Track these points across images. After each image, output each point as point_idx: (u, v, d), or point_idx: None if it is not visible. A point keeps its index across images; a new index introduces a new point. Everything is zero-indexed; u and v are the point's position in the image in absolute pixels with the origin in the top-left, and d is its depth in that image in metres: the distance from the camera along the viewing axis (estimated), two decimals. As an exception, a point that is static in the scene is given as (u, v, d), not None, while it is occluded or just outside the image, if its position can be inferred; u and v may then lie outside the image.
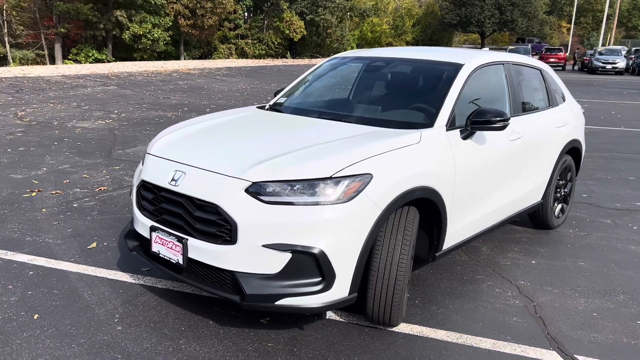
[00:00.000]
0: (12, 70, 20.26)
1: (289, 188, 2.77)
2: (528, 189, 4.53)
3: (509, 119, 3.59)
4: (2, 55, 29.53)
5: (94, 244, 4.37)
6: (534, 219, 5.16)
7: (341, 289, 2.86)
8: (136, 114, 11.74)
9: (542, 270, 4.28)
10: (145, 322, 3.22)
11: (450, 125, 3.57)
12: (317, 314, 3.33)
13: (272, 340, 3.10)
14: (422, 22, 66.36)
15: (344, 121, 3.69)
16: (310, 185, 2.78)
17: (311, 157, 2.93)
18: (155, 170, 3.22)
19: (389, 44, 57.51)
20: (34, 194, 5.69)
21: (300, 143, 3.19)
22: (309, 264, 2.76)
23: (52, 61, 29.76)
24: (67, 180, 6.23)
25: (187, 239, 2.95)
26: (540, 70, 4.98)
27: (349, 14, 52.72)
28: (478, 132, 3.70)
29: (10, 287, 3.60)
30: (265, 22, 42.84)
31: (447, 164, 3.42)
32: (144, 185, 3.27)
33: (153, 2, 30.30)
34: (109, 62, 29.41)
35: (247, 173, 2.83)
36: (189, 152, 3.20)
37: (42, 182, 6.14)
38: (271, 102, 4.44)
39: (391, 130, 3.42)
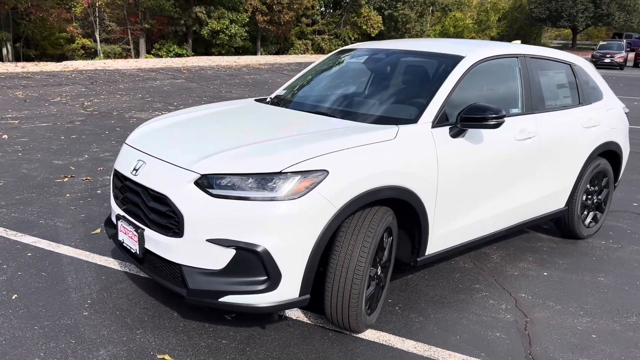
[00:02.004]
0: (94, 64, 21.56)
1: (237, 182, 2.68)
2: (544, 193, 4.15)
3: (504, 116, 3.29)
4: (93, 50, 31.61)
5: (99, 230, 4.50)
6: (559, 227, 4.74)
7: (290, 289, 2.73)
8: (193, 106, 12.07)
9: (551, 283, 3.91)
10: (112, 310, 3.26)
11: (439, 122, 3.33)
12: (265, 314, 3.21)
13: (228, 337, 3.03)
14: (509, 16, 63.65)
15: (330, 115, 3.54)
16: (258, 180, 2.67)
17: (265, 151, 2.82)
18: (124, 159, 3.24)
19: (472, 39, 55.67)
20: (66, 179, 5.97)
21: (266, 136, 3.10)
22: (254, 262, 2.66)
23: (137, 55, 31.41)
24: (101, 168, 6.49)
25: (143, 229, 2.94)
26: (570, 65, 4.54)
27: (430, 8, 51.62)
28: (471, 130, 3.42)
29: (4, 266, 3.78)
30: (343, 17, 42.85)
31: (428, 163, 3.18)
32: (115, 174, 3.31)
33: (231, -2, 31.15)
34: (187, 56, 30.57)
35: (197, 165, 2.77)
36: (154, 143, 3.20)
37: (78, 169, 6.43)
38: (272, 95, 4.36)
39: (367, 126, 3.24)
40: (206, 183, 2.71)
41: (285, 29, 36.38)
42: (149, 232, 2.91)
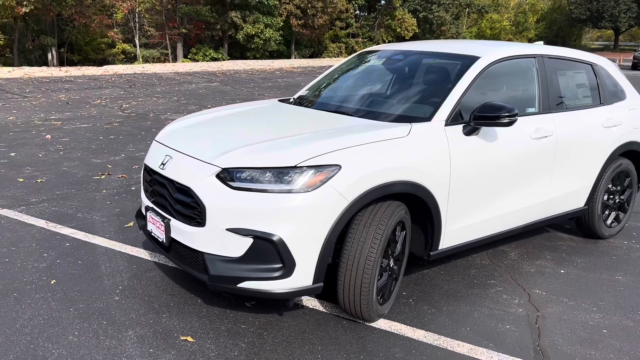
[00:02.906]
0: (133, 67, 22.27)
1: (255, 175, 2.86)
2: (562, 192, 4.20)
3: (516, 114, 3.38)
4: (133, 54, 32.60)
5: (132, 223, 4.77)
6: (580, 226, 4.76)
7: (304, 277, 2.89)
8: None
9: (568, 280, 3.96)
10: (141, 295, 3.49)
11: (454, 120, 3.44)
12: (280, 299, 3.35)
13: (247, 322, 3.22)
14: (547, 17, 62.53)
15: (348, 114, 3.69)
16: (274, 173, 2.84)
17: (282, 146, 3.00)
18: (153, 154, 3.47)
19: (509, 41, 54.81)
20: (103, 176, 6.29)
21: (284, 133, 3.27)
22: (270, 250, 2.83)
23: (175, 59, 32.23)
24: (136, 166, 6.80)
25: (169, 220, 3.15)
26: (591, 65, 4.56)
27: (466, 10, 51.15)
28: (485, 129, 3.51)
29: (45, 255, 4.06)
30: (377, 20, 42.92)
31: (441, 160, 3.30)
32: (145, 169, 3.54)
33: (266, 2, 31.63)
34: (223, 60, 31.20)
35: (218, 159, 2.96)
36: (180, 139, 3.41)
37: (114, 167, 6.76)
38: (295, 96, 4.54)
39: (382, 124, 3.38)
40: (226, 176, 2.90)
41: (319, 32, 36.70)
42: (174, 222, 3.12)
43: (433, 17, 44.45)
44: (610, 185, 4.63)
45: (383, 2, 43.95)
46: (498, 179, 3.67)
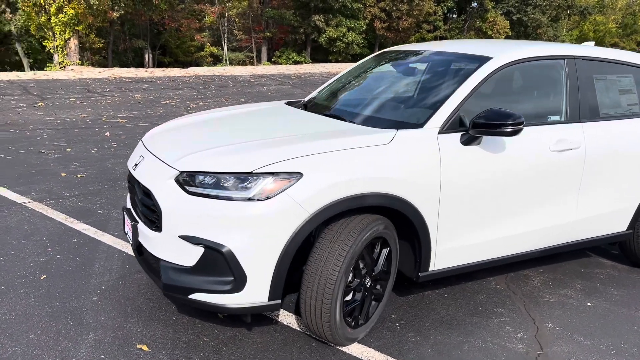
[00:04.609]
0: (213, 70, 23.01)
1: (211, 180, 2.69)
2: (594, 213, 3.67)
3: (521, 123, 2.96)
4: (220, 57, 33.83)
5: (144, 223, 4.77)
6: (624, 253, 4.16)
7: (257, 293, 2.68)
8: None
9: (592, 315, 3.43)
10: (119, 297, 3.43)
11: (450, 127, 3.08)
12: (233, 315, 3.15)
13: (211, 335, 3.05)
14: (660, 19, 57.35)
15: (340, 118, 3.42)
16: (229, 179, 2.66)
17: (243, 151, 2.80)
18: (133, 154, 3.40)
19: (614, 45, 50.96)
20: (139, 174, 6.42)
21: (260, 137, 3.07)
22: (220, 262, 2.64)
23: (259, 62, 33.04)
24: (176, 166, 6.88)
25: (136, 223, 3.06)
26: (641, 69, 3.96)
27: (567, 12, 48.20)
28: (489, 138, 3.11)
29: (49, 249, 4.14)
30: (467, 23, 41.53)
31: (429, 172, 2.95)
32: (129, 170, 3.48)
33: (350, 6, 31.57)
34: (305, 63, 31.51)
35: (178, 162, 2.82)
36: (159, 141, 3.31)
37: (155, 165, 6.89)
38: (306, 98, 4.33)
39: (366, 129, 3.09)
40: (183, 180, 2.75)
41: (404, 35, 36.09)
42: (140, 226, 3.03)
43: (528, 19, 42.28)
44: (662, 208, 3.99)
45: (475, 4, 42.52)
46: (505, 196, 3.25)
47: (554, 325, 3.30)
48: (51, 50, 21.79)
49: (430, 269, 3.15)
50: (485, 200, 3.18)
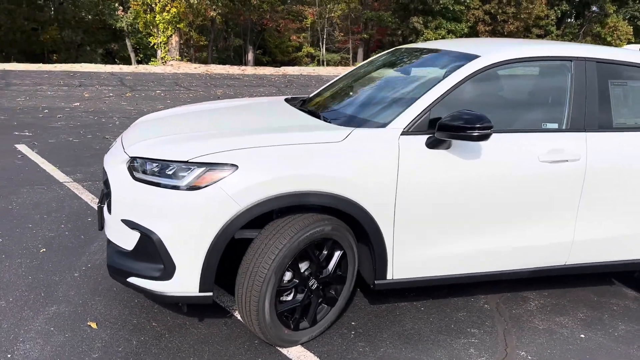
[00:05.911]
0: (303, 69, 23.40)
1: (152, 167, 2.73)
2: (600, 235, 3.26)
3: (489, 127, 2.69)
4: (317, 57, 34.36)
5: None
6: (646, 283, 3.66)
7: (187, 283, 2.67)
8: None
9: (578, 349, 3.05)
10: (97, 277, 3.58)
11: (418, 129, 2.87)
12: (168, 303, 3.17)
13: (162, 321, 3.10)
14: None
15: (315, 115, 3.32)
16: (166, 167, 2.68)
17: (187, 140, 2.81)
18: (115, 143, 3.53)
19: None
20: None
21: (218, 130, 3.07)
22: (152, 248, 2.67)
23: (354, 63, 33.15)
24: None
25: (102, 205, 3.18)
26: (677, 75, 3.44)
27: None
28: (462, 142, 2.86)
29: (62, 226, 4.42)
30: (584, 28, 38.78)
31: (384, 174, 2.78)
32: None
33: (452, 8, 30.68)
34: (400, 66, 31.11)
35: (130, 148, 2.89)
36: (133, 130, 3.40)
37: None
38: (311, 95, 4.26)
39: (321, 124, 3.03)
40: (131, 165, 2.82)
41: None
42: (105, 209, 3.14)
43: (654, 25, 38.63)
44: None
45: (595, 8, 39.60)
46: (479, 207, 2.97)
47: (528, 354, 2.97)
48: (155, 47, 23.37)
49: (388, 277, 2.96)
50: (455, 210, 2.94)
